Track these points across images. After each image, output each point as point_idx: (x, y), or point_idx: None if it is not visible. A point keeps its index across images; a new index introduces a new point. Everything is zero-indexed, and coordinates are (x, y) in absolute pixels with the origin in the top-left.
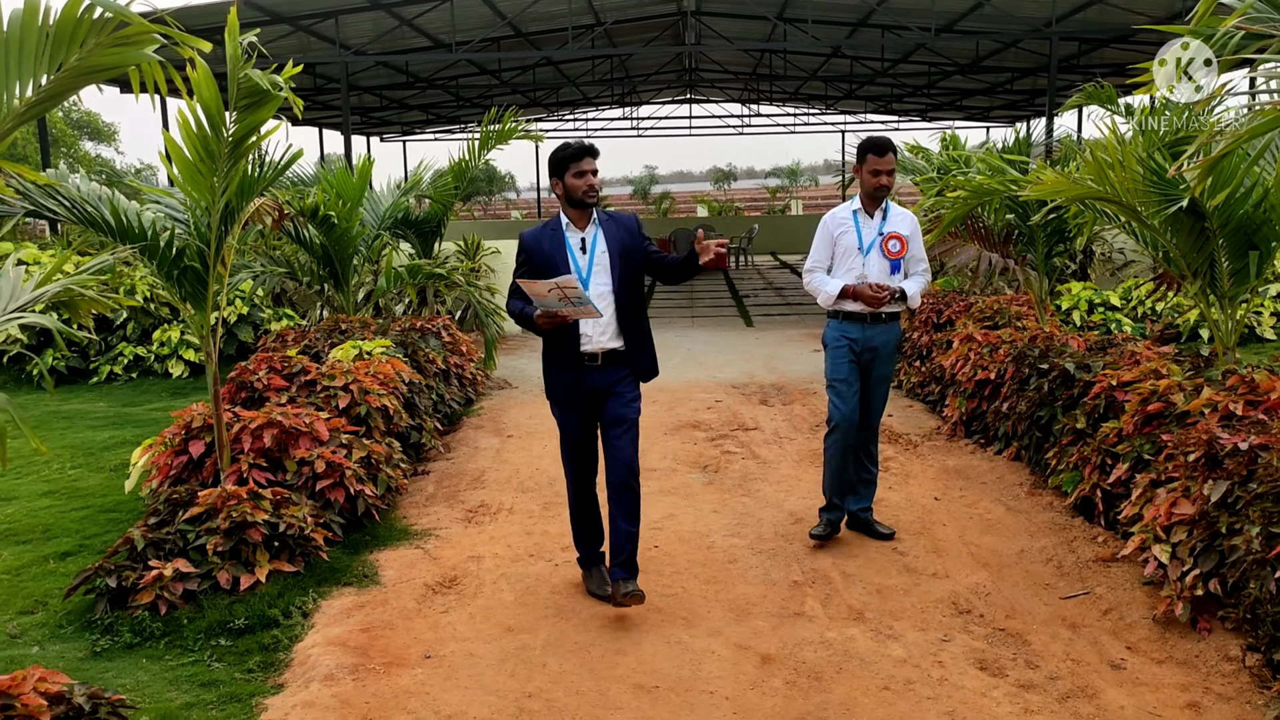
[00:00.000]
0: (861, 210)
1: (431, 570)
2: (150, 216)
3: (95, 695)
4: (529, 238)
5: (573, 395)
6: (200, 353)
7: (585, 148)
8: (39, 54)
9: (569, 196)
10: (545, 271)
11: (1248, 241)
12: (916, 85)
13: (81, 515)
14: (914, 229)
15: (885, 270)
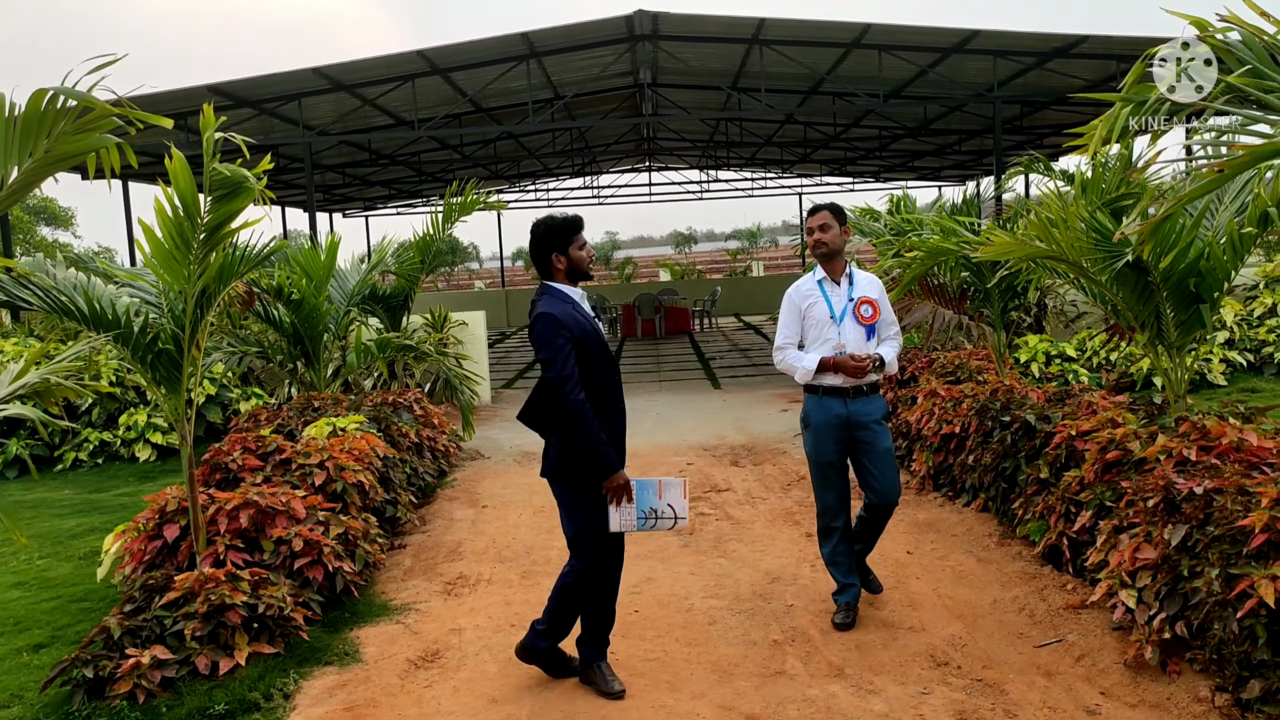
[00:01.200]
0: (827, 279)
1: (413, 645)
2: (125, 302)
3: None
4: (564, 316)
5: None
6: (168, 436)
7: (580, 219)
8: (8, 147)
9: (576, 269)
10: (589, 344)
11: (1192, 294)
12: (869, 148)
13: (53, 605)
14: (881, 292)
15: (862, 337)
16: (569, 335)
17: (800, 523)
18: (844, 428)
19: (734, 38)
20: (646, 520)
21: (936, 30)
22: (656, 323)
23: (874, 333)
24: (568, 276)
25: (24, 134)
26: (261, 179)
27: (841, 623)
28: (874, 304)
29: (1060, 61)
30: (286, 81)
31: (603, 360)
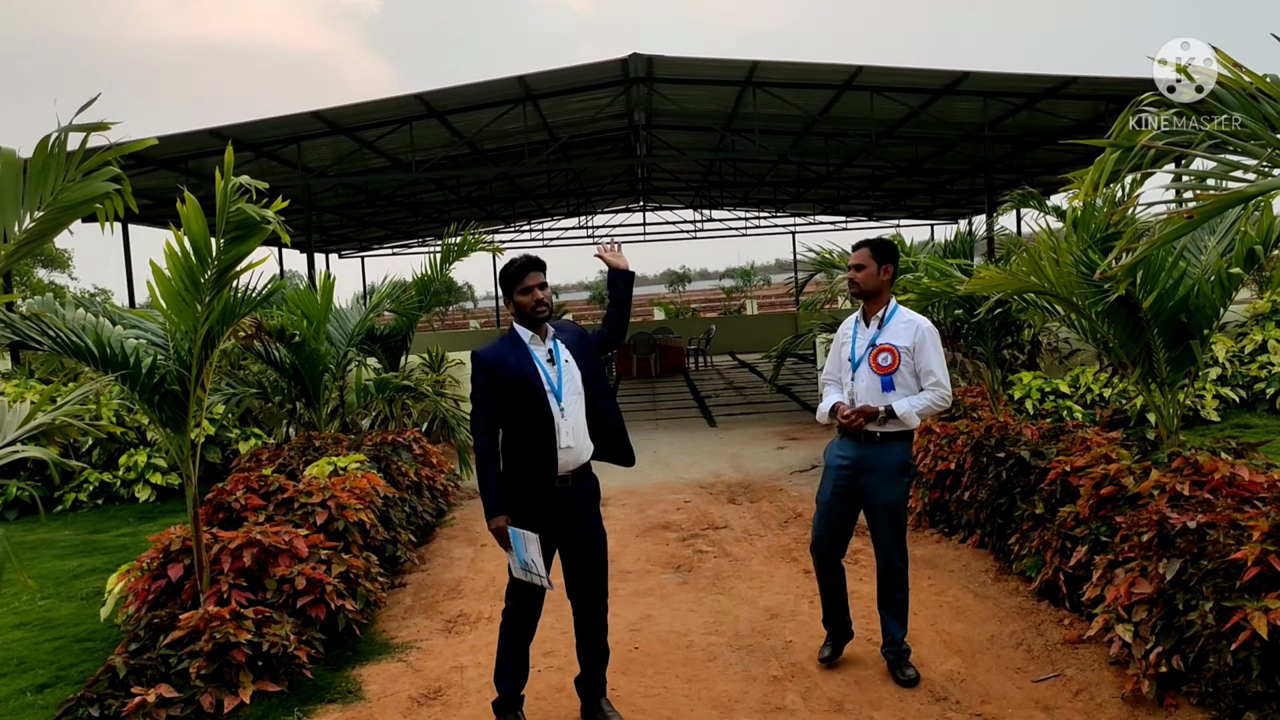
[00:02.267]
0: (861, 318)
1: (415, 682)
2: (132, 344)
3: None
4: (488, 355)
5: (536, 520)
6: (167, 476)
7: (527, 263)
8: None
9: (520, 312)
10: (516, 386)
11: (1182, 330)
12: (861, 187)
13: (55, 645)
14: (920, 339)
15: (875, 386)
16: (489, 375)
17: (798, 559)
18: (851, 475)
19: (727, 80)
20: (525, 570)
21: (927, 72)
22: (652, 361)
23: (891, 384)
24: (518, 319)
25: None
26: (277, 218)
27: (824, 657)
28: (894, 352)
29: (1050, 102)
30: (285, 125)
31: (531, 402)
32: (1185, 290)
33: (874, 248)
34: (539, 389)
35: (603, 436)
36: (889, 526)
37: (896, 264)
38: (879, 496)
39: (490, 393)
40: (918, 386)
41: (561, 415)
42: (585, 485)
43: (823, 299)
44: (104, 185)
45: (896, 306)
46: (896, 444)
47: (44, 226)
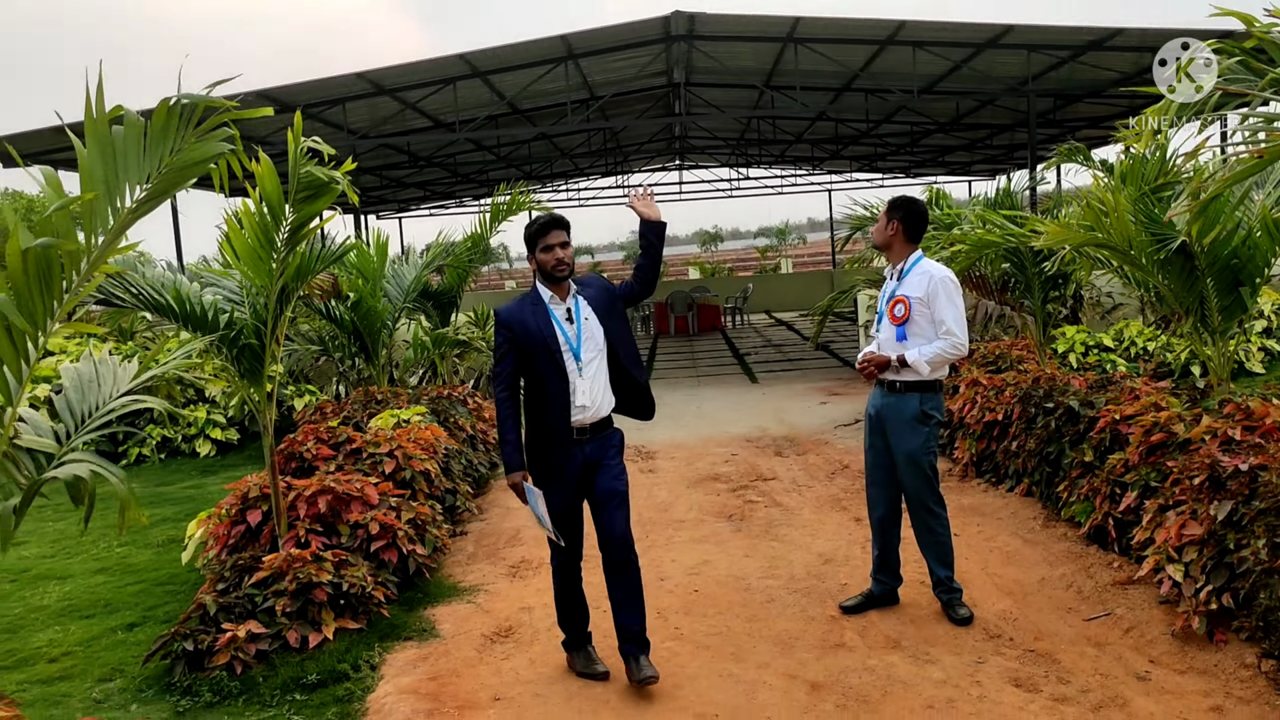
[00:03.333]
0: (892, 271)
1: (486, 622)
2: (210, 300)
3: None
4: (508, 315)
5: (560, 473)
6: (226, 432)
7: (550, 221)
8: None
9: (541, 270)
10: (534, 346)
11: (1234, 279)
12: (899, 144)
13: (138, 589)
14: (933, 289)
15: (892, 337)
16: (508, 334)
17: (848, 508)
18: (877, 420)
19: (769, 36)
20: (539, 524)
21: (970, 26)
22: (689, 320)
23: (904, 334)
24: (540, 277)
25: (152, 144)
26: (345, 178)
27: (844, 605)
28: (905, 302)
29: (1095, 55)
30: (330, 86)
31: (547, 361)
32: (1239, 240)
33: (888, 204)
34: (555, 349)
35: (626, 391)
36: (912, 473)
37: (907, 218)
38: (900, 444)
39: (509, 351)
40: (934, 336)
41: (579, 374)
42: (605, 438)
43: (869, 256)
44: (220, 145)
45: (918, 259)
46: (913, 394)
47: (163, 185)
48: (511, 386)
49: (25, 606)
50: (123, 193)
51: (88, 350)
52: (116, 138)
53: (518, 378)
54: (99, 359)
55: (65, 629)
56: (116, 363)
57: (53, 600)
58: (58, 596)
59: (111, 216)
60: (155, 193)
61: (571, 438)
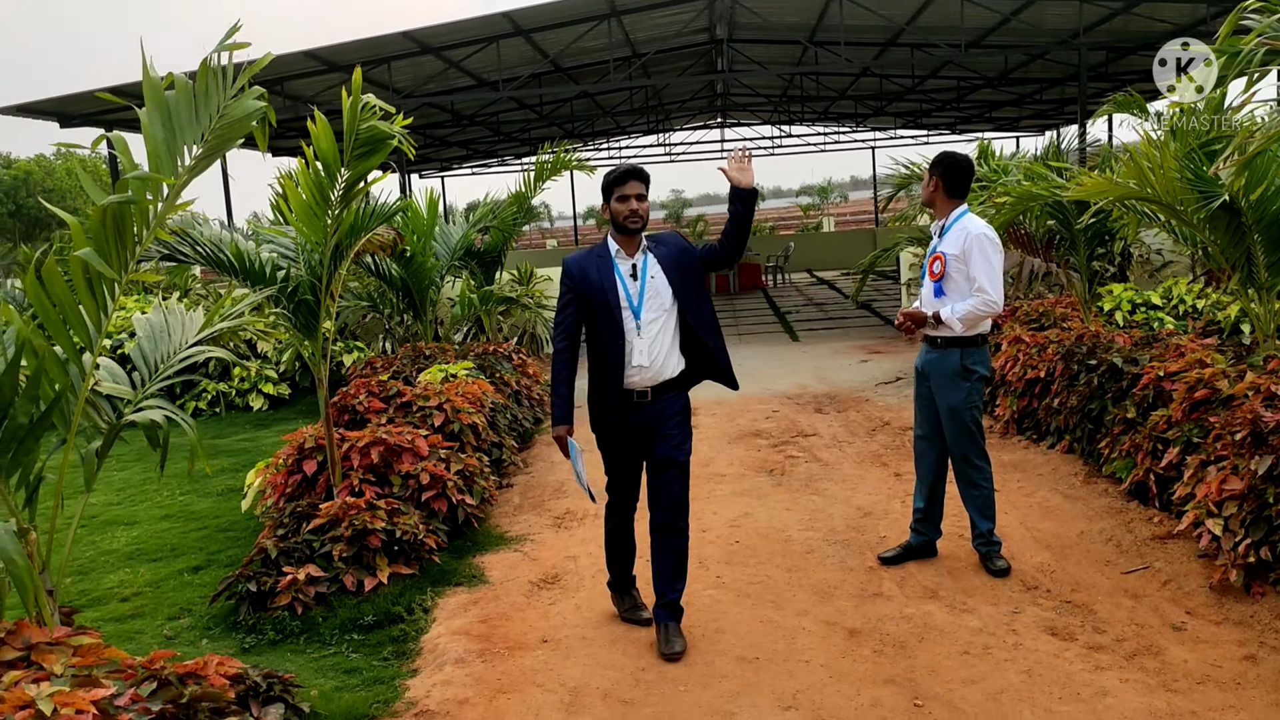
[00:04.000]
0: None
1: (533, 569)
2: (267, 256)
3: (269, 675)
4: (574, 264)
5: (616, 430)
6: (278, 386)
7: (629, 170)
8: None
9: (614, 221)
10: (593, 299)
11: None
12: (945, 99)
13: (201, 535)
14: (969, 246)
15: (930, 292)
16: (571, 284)
17: (887, 464)
18: (923, 375)
19: None
20: (578, 479)
21: None
22: (730, 278)
23: (941, 290)
24: (613, 228)
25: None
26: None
27: (883, 557)
28: (943, 259)
29: (1149, 5)
30: (376, 46)
31: (605, 317)
32: None
33: (932, 160)
34: (614, 304)
35: (698, 356)
36: (955, 427)
37: (947, 173)
38: (943, 399)
39: (572, 301)
40: (970, 293)
41: (637, 333)
42: (667, 403)
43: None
44: (255, 103)
45: (960, 215)
46: (955, 349)
47: (215, 143)
48: (571, 336)
49: (96, 550)
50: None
51: (157, 302)
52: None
53: (578, 329)
54: (169, 309)
55: (134, 571)
56: (184, 313)
57: (121, 544)
58: (126, 541)
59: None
60: (209, 150)
61: (630, 399)
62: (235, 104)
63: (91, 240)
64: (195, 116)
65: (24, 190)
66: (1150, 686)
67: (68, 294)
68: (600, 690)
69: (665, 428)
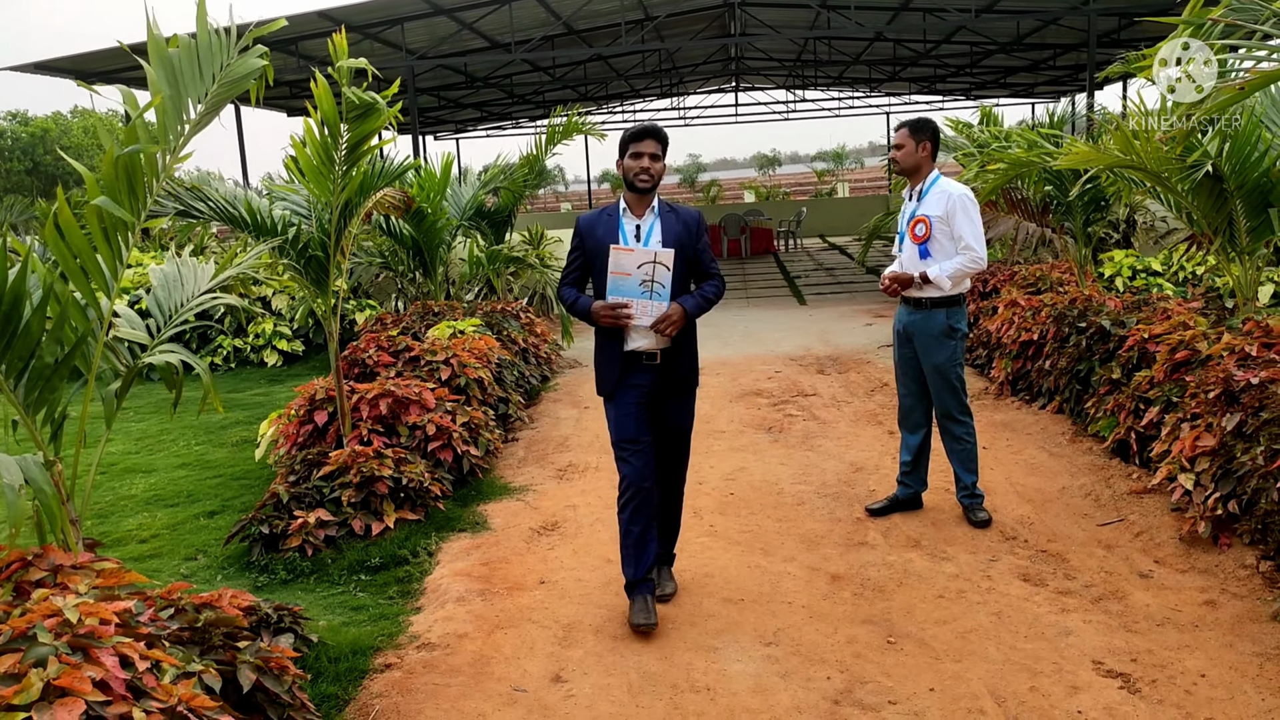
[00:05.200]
0: (910, 192)
1: (534, 518)
2: (279, 213)
3: (279, 607)
4: (584, 222)
5: (623, 389)
6: (292, 343)
7: (646, 129)
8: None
9: (624, 178)
10: (596, 255)
11: (1264, 201)
12: (959, 65)
13: (216, 482)
14: (952, 207)
15: (914, 254)
16: (580, 240)
17: (883, 422)
18: (905, 336)
19: None
20: (644, 289)
21: None
22: (742, 243)
23: (927, 251)
24: (625, 186)
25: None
26: (396, 103)
27: (870, 508)
28: (926, 221)
29: None
30: (390, 6)
31: (601, 272)
32: (1270, 163)
33: (911, 126)
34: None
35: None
36: (940, 385)
37: (934, 139)
38: (928, 358)
39: (579, 256)
40: (954, 252)
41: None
42: (676, 371)
43: None
44: (257, 61)
45: (936, 179)
46: (940, 310)
47: (217, 99)
48: (574, 286)
49: (115, 495)
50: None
51: (170, 254)
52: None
53: (581, 283)
54: (181, 260)
55: (152, 515)
56: (196, 264)
57: (139, 490)
58: (144, 487)
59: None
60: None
61: (638, 361)
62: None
63: (105, 191)
64: (200, 74)
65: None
66: (1111, 627)
67: (84, 242)
68: (592, 627)
69: (672, 396)
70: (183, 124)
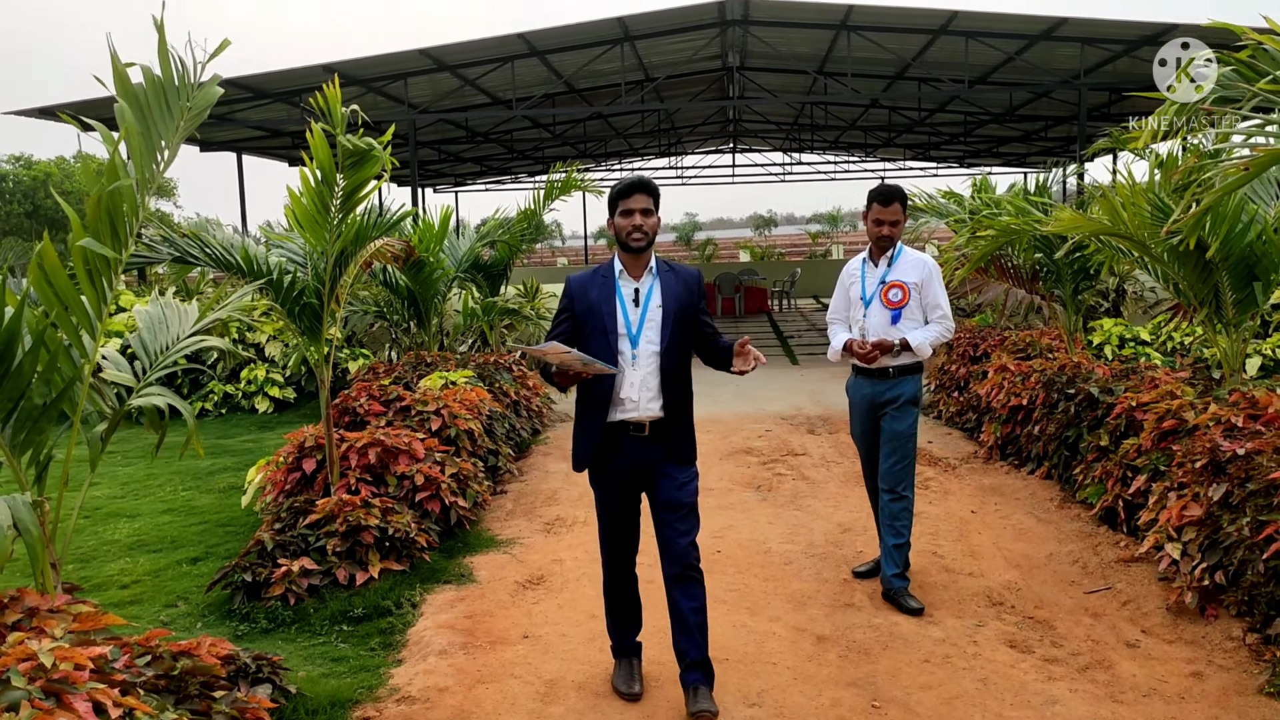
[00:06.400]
0: (869, 259)
1: (520, 570)
2: (275, 260)
3: (258, 657)
4: (575, 283)
5: (608, 467)
6: (284, 390)
7: (633, 183)
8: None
9: (617, 239)
10: (588, 321)
11: (1249, 273)
12: (953, 133)
13: (201, 528)
14: (927, 274)
15: (885, 321)
16: (569, 301)
17: None
18: (870, 408)
19: (822, 23)
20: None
21: (1023, 18)
22: (736, 301)
23: (899, 318)
24: (618, 246)
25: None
26: (386, 148)
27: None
28: (904, 288)
29: (1149, 49)
30: (394, 62)
31: (598, 341)
32: (1253, 236)
33: (900, 198)
34: (609, 329)
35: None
36: (898, 454)
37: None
38: (896, 426)
39: (566, 320)
40: (923, 320)
41: (631, 363)
42: (668, 443)
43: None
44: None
45: (902, 246)
46: (909, 378)
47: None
48: None
49: (98, 540)
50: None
51: (154, 295)
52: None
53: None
54: (164, 303)
55: (134, 561)
56: (179, 305)
57: (123, 535)
58: (127, 532)
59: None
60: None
61: (624, 433)
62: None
63: (89, 231)
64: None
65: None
66: (1098, 697)
67: (69, 283)
68: (575, 683)
69: (666, 467)
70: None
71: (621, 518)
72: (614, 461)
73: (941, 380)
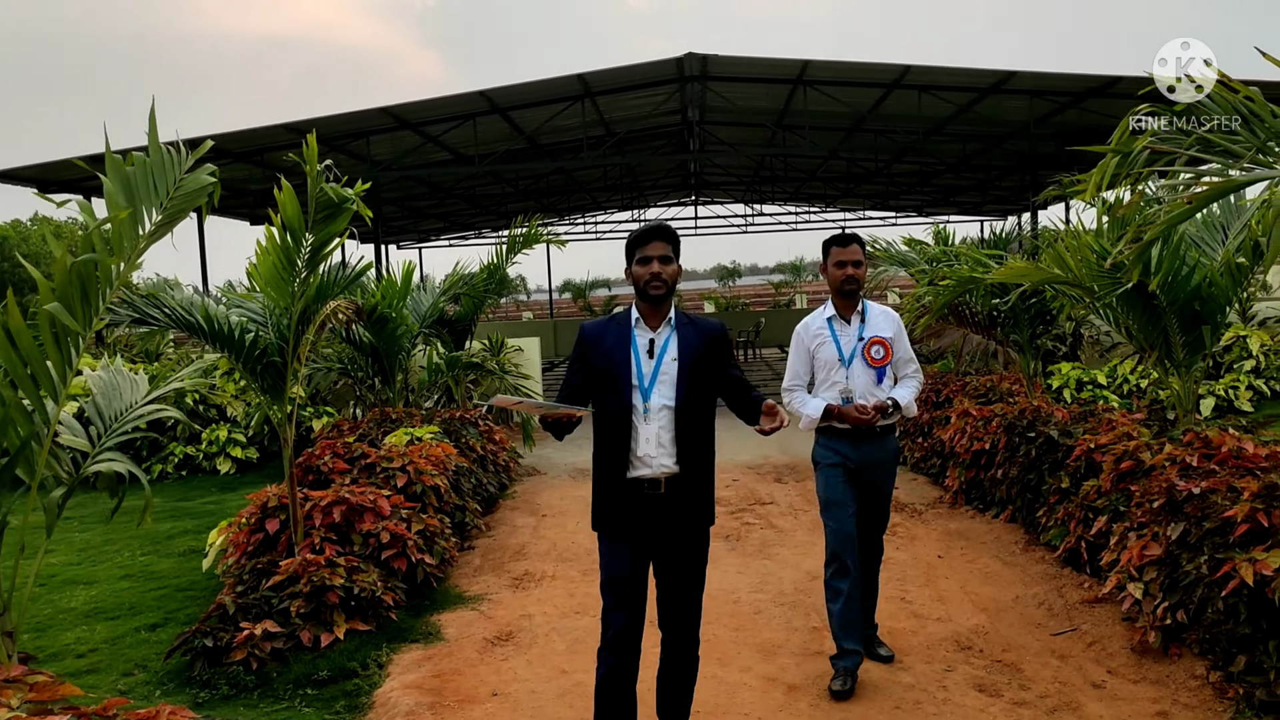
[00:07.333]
0: (836, 316)
1: (488, 627)
2: (235, 320)
3: None
4: (590, 331)
5: (623, 524)
6: (246, 450)
7: (652, 229)
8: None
9: (635, 288)
10: (603, 369)
11: (1196, 316)
12: (911, 183)
13: (160, 594)
14: (898, 328)
15: (871, 381)
16: (583, 351)
17: None
18: (854, 472)
19: (779, 79)
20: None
21: (974, 71)
22: None
23: (885, 375)
24: (636, 295)
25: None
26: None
27: (839, 690)
28: (886, 344)
29: (1097, 100)
30: (355, 120)
31: (612, 392)
32: (1199, 279)
33: (858, 241)
34: (622, 379)
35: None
36: (883, 509)
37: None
38: (884, 485)
39: (580, 371)
40: (893, 375)
41: (644, 417)
42: (683, 502)
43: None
44: (207, 178)
45: (865, 300)
46: (891, 435)
47: (173, 213)
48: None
49: (54, 608)
50: (141, 219)
51: (104, 360)
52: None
53: (584, 396)
54: (115, 369)
55: (92, 628)
56: (131, 374)
57: (79, 603)
58: (84, 600)
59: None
60: (168, 216)
61: (639, 491)
62: (190, 178)
63: (58, 297)
64: (154, 189)
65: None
66: None
67: (34, 347)
68: None
69: (682, 530)
70: (138, 235)
71: (632, 581)
72: (629, 520)
73: (905, 426)
